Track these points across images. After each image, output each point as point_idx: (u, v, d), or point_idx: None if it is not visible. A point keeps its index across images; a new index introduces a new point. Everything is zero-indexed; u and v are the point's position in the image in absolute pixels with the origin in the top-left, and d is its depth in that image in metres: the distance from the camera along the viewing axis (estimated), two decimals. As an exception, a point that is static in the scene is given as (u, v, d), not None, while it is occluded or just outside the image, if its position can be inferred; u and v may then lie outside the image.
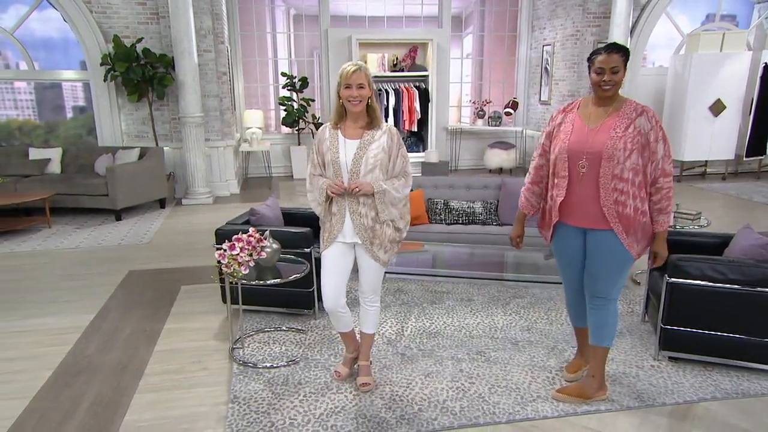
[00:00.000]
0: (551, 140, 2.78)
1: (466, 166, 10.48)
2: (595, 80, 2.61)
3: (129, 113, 8.12)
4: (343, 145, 2.80)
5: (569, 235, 2.78)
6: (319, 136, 2.89)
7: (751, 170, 9.40)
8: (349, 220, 2.83)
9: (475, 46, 11.37)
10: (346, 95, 2.73)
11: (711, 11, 10.21)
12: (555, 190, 2.75)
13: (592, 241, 2.71)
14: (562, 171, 2.68)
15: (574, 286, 2.93)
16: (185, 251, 5.59)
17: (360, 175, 2.78)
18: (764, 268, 3.01)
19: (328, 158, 2.81)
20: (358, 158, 2.77)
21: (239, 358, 3.37)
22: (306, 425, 2.72)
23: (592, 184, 2.62)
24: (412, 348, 3.51)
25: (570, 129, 2.68)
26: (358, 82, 2.71)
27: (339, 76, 2.76)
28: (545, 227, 2.94)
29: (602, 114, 2.66)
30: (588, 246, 2.74)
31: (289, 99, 9.42)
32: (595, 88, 2.64)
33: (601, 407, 2.86)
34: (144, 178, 7.09)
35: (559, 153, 2.67)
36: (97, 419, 2.79)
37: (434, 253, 4.53)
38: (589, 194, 2.64)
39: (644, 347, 3.46)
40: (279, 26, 11.00)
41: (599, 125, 2.64)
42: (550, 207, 2.84)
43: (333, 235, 2.86)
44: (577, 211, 2.70)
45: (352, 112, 2.79)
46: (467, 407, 2.87)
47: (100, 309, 4.14)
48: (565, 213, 2.74)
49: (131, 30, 7.88)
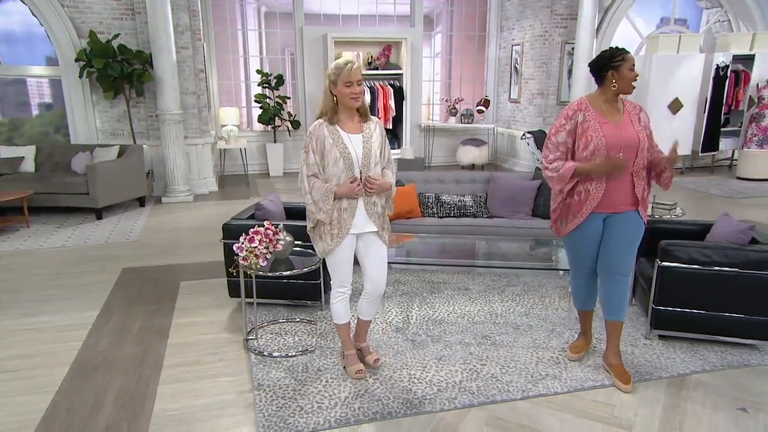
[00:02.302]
0: (574, 137, 2.93)
1: (439, 162, 10.69)
2: (631, 78, 2.85)
3: (104, 110, 7.95)
4: (349, 141, 2.86)
5: (592, 222, 2.96)
6: (315, 135, 2.87)
7: (705, 165, 9.97)
8: (363, 210, 2.92)
9: (445, 45, 11.61)
10: (349, 92, 2.79)
11: (665, 15, 10.76)
12: (591, 184, 2.88)
13: (616, 222, 2.92)
14: None
15: (587, 272, 3.13)
16: (175, 248, 5.55)
17: (370, 168, 2.88)
18: (746, 251, 3.29)
19: (334, 155, 2.83)
20: (367, 152, 2.87)
21: (255, 349, 3.43)
22: (333, 408, 2.83)
23: (628, 173, 2.85)
24: (420, 335, 3.65)
25: (597, 126, 2.87)
26: (358, 78, 2.79)
27: (335, 74, 2.78)
28: (568, 221, 3.02)
29: (616, 111, 2.89)
30: (611, 228, 2.95)
31: (264, 97, 9.40)
32: (627, 84, 2.86)
33: (606, 382, 3.07)
34: (124, 177, 6.98)
35: (597, 148, 2.84)
36: (126, 410, 2.82)
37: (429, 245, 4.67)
38: (625, 183, 2.87)
39: (635, 328, 3.71)
40: (250, 23, 10.94)
41: (621, 121, 2.85)
42: (577, 201, 2.95)
43: (345, 230, 2.90)
44: (609, 199, 2.90)
45: (348, 108, 2.85)
46: (483, 386, 3.03)
47: (103, 306, 4.11)
48: (599, 204, 2.91)
49: (105, 26, 7.72)
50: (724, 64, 8.99)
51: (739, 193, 8.00)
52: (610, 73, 2.86)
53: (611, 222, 2.95)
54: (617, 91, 2.90)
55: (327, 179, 2.88)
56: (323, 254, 3.00)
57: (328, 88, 2.84)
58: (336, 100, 2.85)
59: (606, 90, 2.91)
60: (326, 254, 2.97)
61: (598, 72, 2.91)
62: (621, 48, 2.90)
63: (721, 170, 9.83)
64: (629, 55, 2.87)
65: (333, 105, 2.86)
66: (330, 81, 2.81)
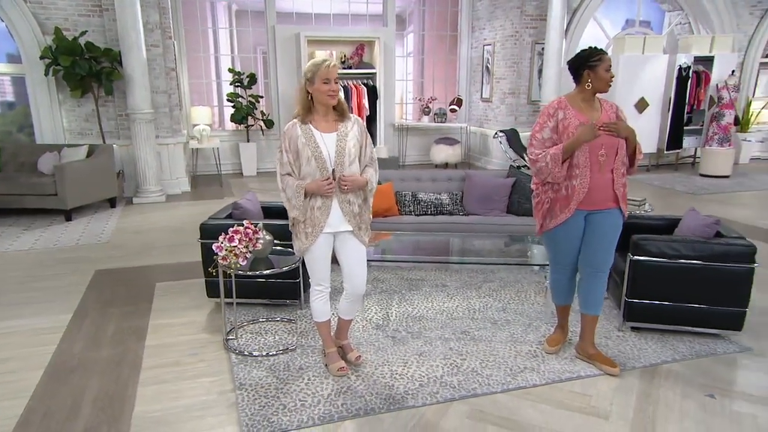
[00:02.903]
0: (556, 135, 2.99)
1: (413, 161, 10.76)
2: (607, 78, 2.92)
3: (71, 109, 7.74)
4: (322, 140, 2.86)
5: (574, 219, 3.03)
6: (289, 135, 2.87)
7: (670, 162, 10.27)
8: (338, 209, 2.92)
9: (417, 44, 11.67)
10: (326, 90, 2.79)
11: (630, 17, 11.04)
12: (575, 180, 2.95)
13: (598, 219, 3.00)
14: (585, 162, 2.93)
15: (568, 268, 3.21)
16: (148, 249, 5.46)
17: (345, 167, 2.89)
18: (711, 244, 3.42)
19: (306, 154, 2.83)
20: (340, 150, 2.88)
21: (235, 349, 3.41)
22: (316, 406, 2.83)
23: (609, 170, 2.94)
24: (400, 331, 3.68)
25: (577, 123, 2.94)
26: (335, 75, 2.81)
27: (312, 72, 2.78)
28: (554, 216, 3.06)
29: (593, 109, 2.97)
30: (592, 225, 3.03)
31: (236, 96, 9.30)
32: (604, 84, 2.94)
33: (582, 373, 3.16)
34: (94, 177, 6.82)
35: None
36: (105, 412, 2.77)
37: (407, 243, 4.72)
38: (606, 180, 2.95)
39: (608, 320, 3.80)
40: (221, 22, 10.81)
41: (599, 119, 2.93)
42: (564, 196, 3.01)
43: (318, 228, 2.91)
44: (593, 196, 2.97)
45: (324, 106, 2.85)
46: (464, 381, 3.08)
47: (76, 308, 4.02)
48: (583, 200, 2.98)
49: (71, 22, 7.51)
50: (686, 65, 9.28)
51: (702, 190, 8.27)
52: (586, 73, 2.93)
53: (593, 219, 3.03)
54: (593, 91, 2.97)
55: (302, 178, 2.88)
56: (299, 253, 3.01)
57: (303, 87, 2.83)
58: (311, 99, 2.85)
59: (583, 89, 2.98)
60: (302, 253, 2.99)
61: (576, 71, 2.97)
62: (599, 48, 2.97)
63: (684, 167, 10.14)
64: (606, 56, 2.94)
65: (308, 103, 2.85)
66: (306, 79, 2.81)
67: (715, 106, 9.32)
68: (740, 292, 3.39)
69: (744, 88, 10.34)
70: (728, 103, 9.17)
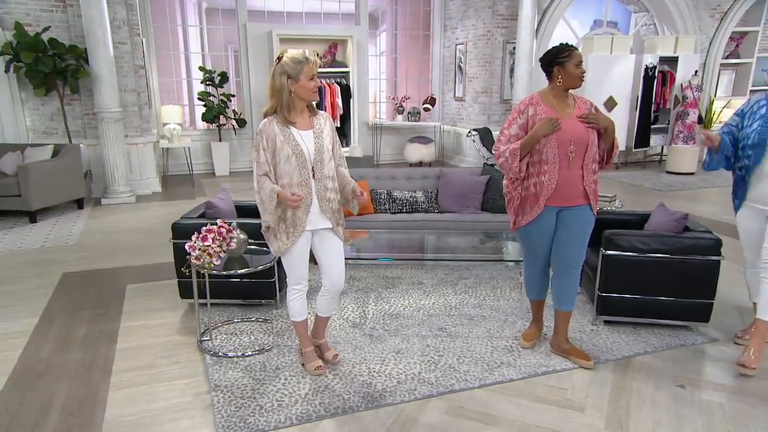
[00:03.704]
0: (526, 131, 3.00)
1: (387, 160, 10.76)
2: (577, 74, 2.93)
3: (34, 108, 7.50)
4: (300, 137, 2.82)
5: (546, 216, 3.05)
6: (266, 133, 2.80)
7: (638, 160, 10.51)
8: (317, 207, 2.90)
9: (390, 43, 11.68)
10: (312, 86, 2.76)
11: (598, 17, 11.24)
12: (544, 176, 2.97)
13: (569, 216, 3.02)
14: (554, 158, 2.94)
15: (541, 264, 3.24)
16: (118, 251, 5.33)
17: (324, 164, 2.87)
18: (680, 238, 3.51)
19: (286, 152, 2.78)
20: (319, 147, 2.85)
21: (210, 350, 3.35)
22: (294, 405, 2.80)
23: (578, 167, 2.95)
24: (377, 329, 3.67)
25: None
26: (317, 72, 2.79)
27: (295, 69, 2.70)
28: (525, 213, 3.09)
29: (566, 105, 2.99)
30: (564, 222, 3.05)
31: (208, 95, 9.16)
32: (574, 80, 2.94)
33: (557, 367, 3.20)
34: (60, 177, 6.62)
35: (548, 141, 2.92)
36: (75, 417, 2.69)
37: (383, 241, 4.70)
38: (575, 176, 2.97)
39: (582, 315, 3.86)
40: (190, 19, 10.63)
41: (571, 115, 2.95)
42: (533, 193, 3.03)
43: (300, 227, 2.87)
44: (562, 192, 2.99)
45: (301, 103, 2.81)
46: (441, 377, 3.09)
47: (43, 312, 3.90)
48: (551, 196, 3.00)
49: (33, 18, 7.27)
50: (652, 65, 9.50)
51: (669, 186, 8.48)
52: (556, 69, 2.95)
53: (564, 216, 3.05)
54: (563, 87, 2.98)
55: (279, 177, 2.83)
56: (278, 253, 2.95)
57: (284, 85, 2.74)
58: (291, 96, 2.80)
59: (554, 85, 3.00)
60: (282, 253, 2.93)
61: (546, 67, 2.99)
62: (568, 44, 2.99)
63: (652, 165, 10.37)
64: (576, 51, 2.94)
65: (289, 101, 2.79)
66: (287, 76, 2.72)
67: (680, 106, 9.57)
68: (707, 284, 3.48)
69: (706, 87, 10.64)
70: (692, 103, 9.42)
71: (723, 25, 10.47)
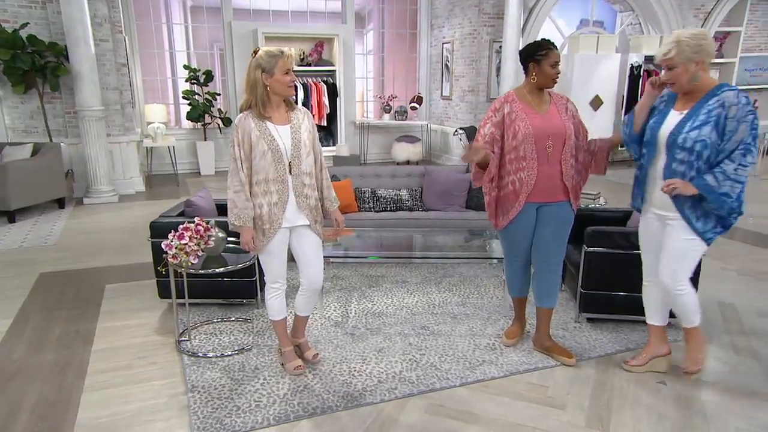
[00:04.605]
0: (502, 129, 2.98)
1: (374, 159, 10.71)
2: (552, 74, 2.89)
3: (13, 106, 7.37)
4: (277, 132, 2.79)
5: (526, 213, 3.02)
6: (242, 128, 2.76)
7: (624, 159, 10.55)
8: (294, 204, 2.85)
9: (377, 42, 11.64)
10: (288, 80, 2.72)
11: (584, 17, 11.28)
12: (523, 173, 2.94)
13: (549, 212, 2.99)
14: (531, 154, 2.91)
15: (522, 261, 3.20)
16: (98, 251, 5.25)
17: (301, 160, 2.83)
18: (662, 234, 3.49)
19: (262, 148, 2.74)
20: (296, 143, 2.81)
21: (188, 350, 3.29)
22: (272, 406, 2.76)
23: (557, 162, 2.92)
24: (359, 328, 3.63)
25: (524, 116, 2.93)
26: (294, 66, 2.76)
27: (270, 63, 2.67)
28: (503, 213, 3.08)
29: (542, 102, 2.96)
30: (544, 218, 3.02)
31: (192, 93, 9.06)
32: (548, 80, 2.91)
33: (539, 365, 3.17)
34: (40, 177, 6.51)
35: (525, 138, 2.89)
36: (45, 420, 2.62)
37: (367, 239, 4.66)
38: (554, 172, 2.94)
39: (565, 312, 3.85)
40: (175, 17, 10.53)
41: (547, 111, 2.93)
42: (512, 191, 2.99)
43: (277, 224, 2.83)
44: (542, 188, 2.96)
45: (278, 98, 2.78)
46: (423, 375, 3.05)
47: (17, 313, 3.82)
48: (531, 192, 2.97)
49: (11, 14, 7.14)
50: (638, 64, 9.54)
51: (654, 185, 8.51)
52: (532, 65, 2.91)
53: (544, 213, 3.02)
54: (536, 85, 2.94)
55: (256, 172, 2.79)
56: (255, 250, 2.91)
57: (258, 79, 2.71)
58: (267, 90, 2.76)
59: (528, 81, 2.97)
60: (258, 250, 2.89)
61: (524, 62, 2.94)
62: (548, 41, 2.91)
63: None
64: (554, 51, 2.87)
65: (264, 95, 2.75)
66: (262, 71, 2.68)
67: (666, 104, 9.60)
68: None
69: (692, 86, 10.70)
70: (677, 101, 9.46)
71: (706, 25, 10.54)
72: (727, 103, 2.57)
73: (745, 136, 2.55)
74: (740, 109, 2.55)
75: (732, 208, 2.62)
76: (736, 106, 2.55)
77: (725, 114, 2.57)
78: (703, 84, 2.65)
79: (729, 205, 2.61)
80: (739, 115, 2.55)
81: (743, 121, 2.54)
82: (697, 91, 2.67)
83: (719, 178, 2.57)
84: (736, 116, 2.55)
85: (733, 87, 2.63)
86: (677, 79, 2.65)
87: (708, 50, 2.60)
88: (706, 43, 2.60)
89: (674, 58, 2.61)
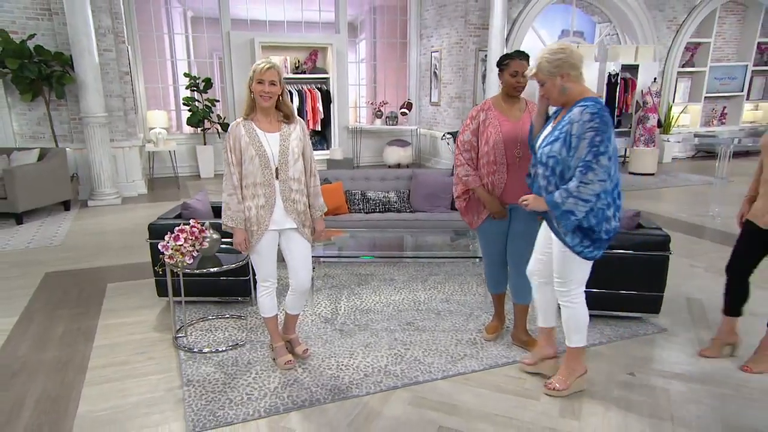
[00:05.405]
0: (478, 136, 3.02)
1: (367, 162, 10.72)
2: (511, 82, 2.92)
3: (21, 113, 7.33)
4: (265, 138, 2.81)
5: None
6: (233, 134, 2.81)
7: (602, 162, 10.60)
8: (281, 207, 2.86)
9: (369, 51, 11.64)
10: (258, 90, 2.75)
11: (565, 27, 11.32)
12: (494, 176, 2.99)
13: (521, 214, 3.01)
14: (501, 158, 2.95)
15: (497, 259, 3.23)
16: (102, 251, 5.23)
17: (289, 167, 2.84)
18: (632, 235, 3.53)
19: (250, 153, 2.77)
20: (284, 150, 2.83)
21: (184, 346, 3.30)
22: (263, 399, 2.77)
23: (525, 167, 2.94)
24: (348, 324, 3.64)
25: (497, 123, 2.96)
26: (270, 79, 2.75)
27: (252, 72, 2.76)
28: (476, 213, 3.13)
29: (517, 110, 2.99)
30: (516, 220, 3.05)
31: (193, 100, 9.04)
32: (509, 89, 2.94)
33: (517, 358, 3.20)
34: (46, 180, 6.48)
35: (496, 143, 2.93)
36: (48, 415, 2.62)
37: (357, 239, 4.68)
38: (523, 176, 2.95)
39: (542, 307, 3.87)
40: (176, 27, 10.49)
41: (520, 119, 2.95)
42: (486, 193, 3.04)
43: (264, 226, 2.85)
44: (511, 191, 2.99)
45: (262, 107, 2.81)
46: (407, 369, 3.07)
47: (23, 311, 3.81)
48: (502, 194, 3.01)
49: (19, 25, 7.11)
50: (615, 72, 9.60)
51: (631, 186, 8.56)
52: (499, 74, 2.98)
53: (516, 214, 3.06)
54: (503, 92, 3.00)
55: (245, 176, 2.82)
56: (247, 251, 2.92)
57: (248, 86, 2.80)
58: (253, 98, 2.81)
59: (501, 89, 3.02)
60: (249, 251, 2.91)
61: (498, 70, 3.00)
62: (515, 52, 2.94)
63: (615, 166, 10.47)
64: (515, 61, 2.89)
65: (251, 102, 2.81)
66: (249, 78, 2.78)
67: (641, 110, 9.68)
68: (657, 277, 3.52)
69: (665, 94, 10.78)
70: (652, 108, 9.53)
71: (678, 37, 10.62)
72: (572, 119, 2.46)
73: (584, 153, 2.42)
74: (581, 126, 2.42)
75: (591, 225, 2.50)
76: (578, 122, 2.43)
77: (570, 130, 2.46)
78: (572, 95, 2.53)
79: (573, 223, 2.50)
80: (579, 132, 2.42)
81: (583, 138, 2.42)
82: (570, 102, 2.54)
83: (563, 195, 2.47)
84: (577, 133, 2.43)
85: (588, 101, 2.46)
86: (549, 93, 2.57)
87: (570, 62, 2.48)
88: (565, 56, 2.48)
89: (538, 74, 2.56)
